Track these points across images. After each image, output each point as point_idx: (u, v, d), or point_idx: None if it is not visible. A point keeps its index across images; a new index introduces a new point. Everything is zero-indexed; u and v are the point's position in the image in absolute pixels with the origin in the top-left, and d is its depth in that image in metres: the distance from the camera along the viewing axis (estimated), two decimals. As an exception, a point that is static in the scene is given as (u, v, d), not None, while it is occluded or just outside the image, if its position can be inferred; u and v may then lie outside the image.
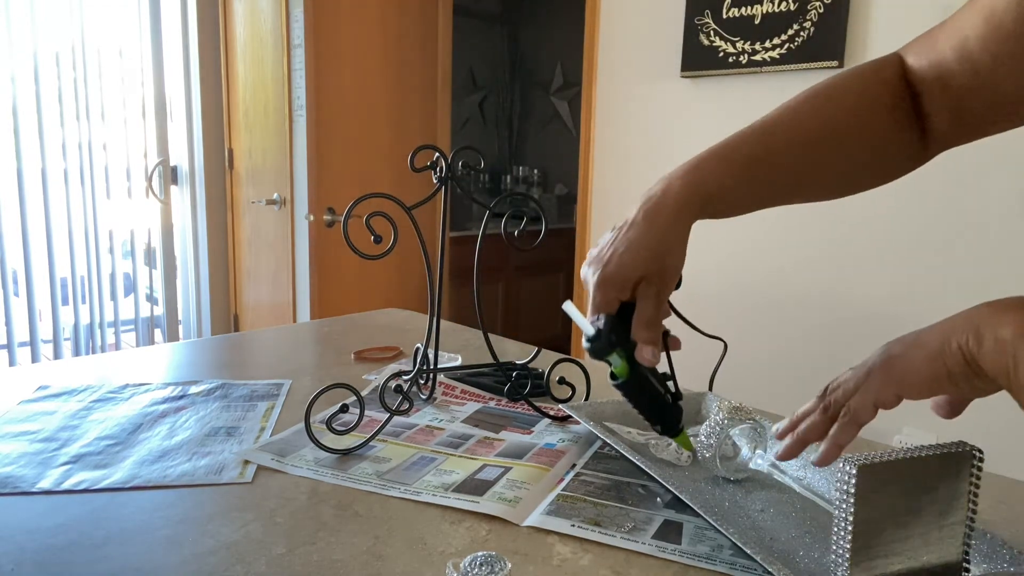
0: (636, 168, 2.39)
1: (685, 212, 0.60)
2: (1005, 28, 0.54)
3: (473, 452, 0.76)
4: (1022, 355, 0.42)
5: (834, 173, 0.66)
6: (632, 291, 0.61)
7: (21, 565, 0.53)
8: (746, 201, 0.64)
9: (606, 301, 0.60)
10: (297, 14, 2.52)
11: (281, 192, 2.75)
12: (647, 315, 0.61)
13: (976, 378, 0.45)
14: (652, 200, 0.61)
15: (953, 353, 0.46)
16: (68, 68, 2.89)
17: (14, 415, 0.82)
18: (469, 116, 4.37)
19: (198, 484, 0.67)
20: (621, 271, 0.60)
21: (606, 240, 0.62)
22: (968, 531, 0.49)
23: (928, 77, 0.62)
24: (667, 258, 0.60)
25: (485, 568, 0.50)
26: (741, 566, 0.56)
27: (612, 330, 0.60)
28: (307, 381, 0.98)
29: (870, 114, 0.64)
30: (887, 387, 0.49)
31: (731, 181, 0.62)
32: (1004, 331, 0.43)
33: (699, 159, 0.62)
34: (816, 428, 0.55)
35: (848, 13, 1.84)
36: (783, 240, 2.04)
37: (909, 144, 0.65)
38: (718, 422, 0.70)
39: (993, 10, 0.55)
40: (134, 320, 3.25)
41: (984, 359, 0.44)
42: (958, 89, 0.60)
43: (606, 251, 0.61)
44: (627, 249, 0.60)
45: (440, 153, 0.83)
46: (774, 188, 0.65)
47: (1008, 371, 0.43)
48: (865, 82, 0.64)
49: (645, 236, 0.59)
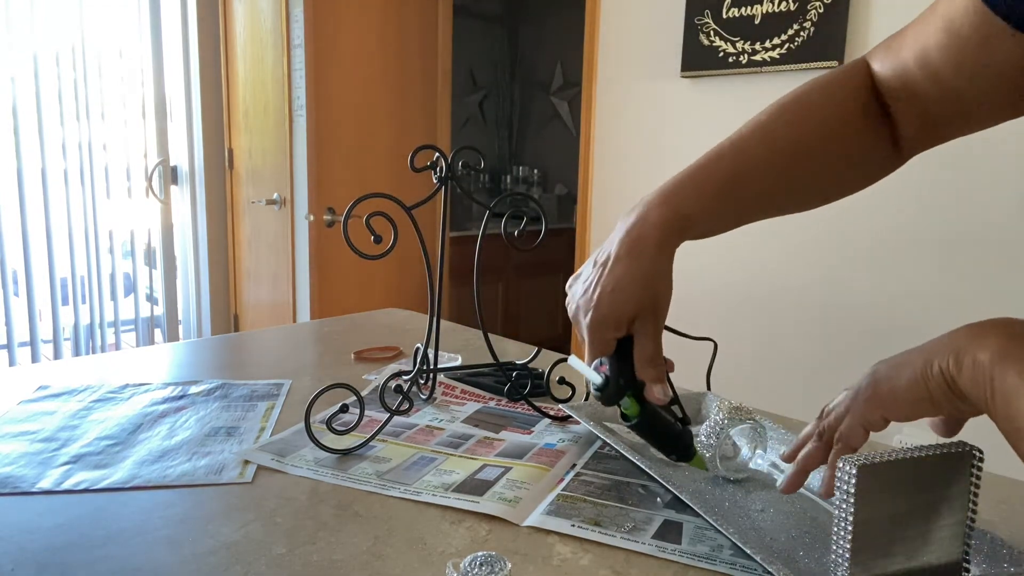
0: (636, 168, 2.39)
1: (668, 242, 0.60)
2: (963, 36, 0.55)
3: (473, 452, 0.76)
4: (999, 379, 0.42)
5: (810, 186, 0.66)
6: (627, 328, 0.60)
7: (21, 565, 0.53)
8: (725, 222, 0.64)
9: (604, 342, 0.60)
10: (297, 14, 2.52)
11: (281, 192, 2.75)
12: (649, 353, 0.60)
13: (959, 400, 0.45)
14: (632, 233, 0.60)
15: (935, 376, 0.45)
16: (68, 68, 2.89)
17: (14, 415, 0.82)
18: (469, 116, 4.38)
19: (198, 484, 0.67)
20: (614, 311, 0.59)
21: (589, 276, 0.62)
22: (968, 531, 0.49)
23: (893, 85, 0.62)
24: (658, 291, 0.60)
25: (485, 568, 0.50)
26: (741, 566, 0.56)
27: (619, 374, 0.60)
28: (307, 381, 0.98)
29: (841, 125, 0.64)
30: (873, 410, 0.49)
31: (709, 205, 0.62)
32: (982, 355, 0.43)
33: (675, 184, 0.62)
34: (814, 456, 0.55)
35: (848, 13, 1.85)
36: (783, 240, 2.04)
37: (881, 151, 0.65)
38: (718, 422, 0.70)
39: (952, 19, 0.55)
40: (134, 320, 3.26)
41: (963, 382, 0.44)
42: (923, 97, 0.60)
43: (593, 290, 0.60)
44: (616, 287, 0.59)
45: (440, 153, 0.83)
46: (752, 206, 0.65)
47: (986, 396, 0.42)
48: (834, 93, 0.64)
49: (633, 272, 0.59)
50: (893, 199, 1.82)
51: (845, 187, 0.67)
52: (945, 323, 0.49)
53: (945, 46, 0.56)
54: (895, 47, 0.62)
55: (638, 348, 0.61)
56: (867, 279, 1.90)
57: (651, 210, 0.60)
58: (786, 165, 0.64)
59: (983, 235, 1.71)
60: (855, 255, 1.92)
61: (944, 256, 1.77)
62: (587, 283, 0.62)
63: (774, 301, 2.09)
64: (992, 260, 1.69)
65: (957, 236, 1.74)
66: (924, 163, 0.72)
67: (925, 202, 1.78)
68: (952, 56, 0.56)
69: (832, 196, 0.67)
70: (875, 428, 0.50)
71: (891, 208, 1.83)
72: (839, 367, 1.95)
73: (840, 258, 1.95)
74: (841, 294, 1.95)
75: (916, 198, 1.79)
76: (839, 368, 1.94)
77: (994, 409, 0.42)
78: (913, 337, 0.51)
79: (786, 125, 0.64)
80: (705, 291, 2.21)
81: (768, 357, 2.10)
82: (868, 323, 1.90)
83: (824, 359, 1.99)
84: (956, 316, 1.79)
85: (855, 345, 1.92)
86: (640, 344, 0.61)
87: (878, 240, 1.87)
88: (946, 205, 1.75)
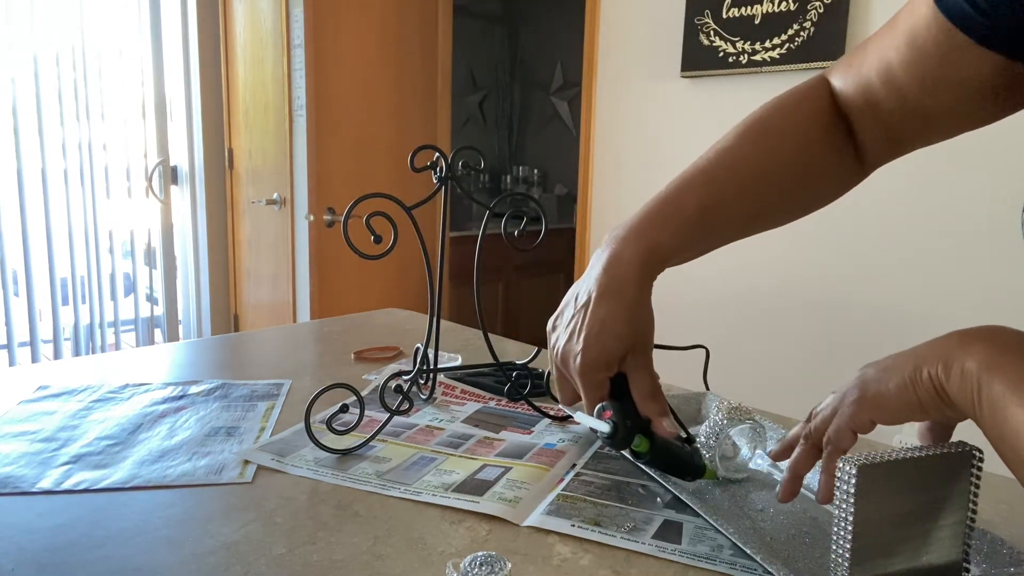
0: (636, 168, 2.39)
1: (646, 278, 0.61)
2: (927, 50, 0.55)
3: (473, 452, 0.76)
4: (986, 387, 0.42)
5: (777, 207, 0.67)
6: (618, 366, 0.61)
7: (21, 565, 0.53)
8: (699, 249, 0.65)
9: (597, 383, 0.61)
10: (297, 14, 2.52)
11: (281, 192, 2.75)
12: (648, 387, 0.61)
13: (946, 407, 0.45)
14: (610, 272, 0.61)
15: (924, 382, 0.46)
16: (68, 68, 2.89)
17: (14, 415, 0.82)
18: (469, 116, 4.37)
19: (198, 484, 0.67)
20: (604, 352, 0.60)
21: (571, 320, 0.62)
22: (968, 531, 0.49)
23: (856, 102, 0.63)
24: (643, 326, 0.61)
25: (485, 568, 0.50)
26: (741, 566, 0.56)
27: (624, 417, 0.60)
28: (307, 381, 0.98)
29: (804, 145, 0.65)
30: (862, 413, 0.50)
31: (681, 236, 0.62)
32: (970, 363, 0.43)
33: (645, 217, 0.62)
34: (804, 460, 0.56)
35: (848, 13, 1.85)
36: (782, 240, 2.04)
37: (845, 166, 0.66)
38: (718, 422, 0.70)
39: (914, 34, 0.56)
40: (134, 320, 3.26)
41: (952, 390, 0.44)
42: (886, 111, 0.61)
43: (579, 334, 0.61)
44: (602, 329, 0.60)
45: (440, 153, 0.83)
46: (723, 232, 0.66)
47: (973, 403, 0.43)
48: (794, 113, 0.65)
49: (616, 311, 0.60)
50: (893, 200, 1.82)
51: (811, 204, 0.68)
52: (945, 323, 0.49)
53: (908, 60, 0.57)
54: (856, 64, 0.63)
55: (636, 385, 0.61)
56: (867, 279, 1.90)
57: (626, 247, 0.61)
58: (753, 190, 0.65)
59: (983, 235, 1.70)
60: (855, 255, 1.92)
61: (944, 256, 1.77)
62: (570, 328, 0.62)
63: (773, 301, 2.09)
64: (992, 260, 1.69)
65: (957, 236, 1.74)
66: (924, 163, 0.73)
67: (925, 203, 1.78)
68: (916, 71, 0.57)
69: (799, 213, 0.68)
70: (863, 431, 0.51)
71: (891, 208, 1.83)
72: (839, 367, 1.95)
73: (840, 258, 1.95)
74: (841, 294, 1.95)
75: (916, 198, 1.79)
76: (839, 368, 1.94)
77: (981, 417, 0.43)
78: (913, 337, 0.51)
79: (750, 149, 0.65)
80: (705, 291, 2.21)
81: (768, 357, 2.10)
82: (868, 323, 1.90)
83: (824, 359, 1.99)
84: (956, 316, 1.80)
85: (855, 345, 1.93)
86: (636, 380, 0.61)
87: (878, 240, 1.87)
88: (946, 206, 1.75)
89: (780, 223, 0.68)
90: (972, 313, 1.71)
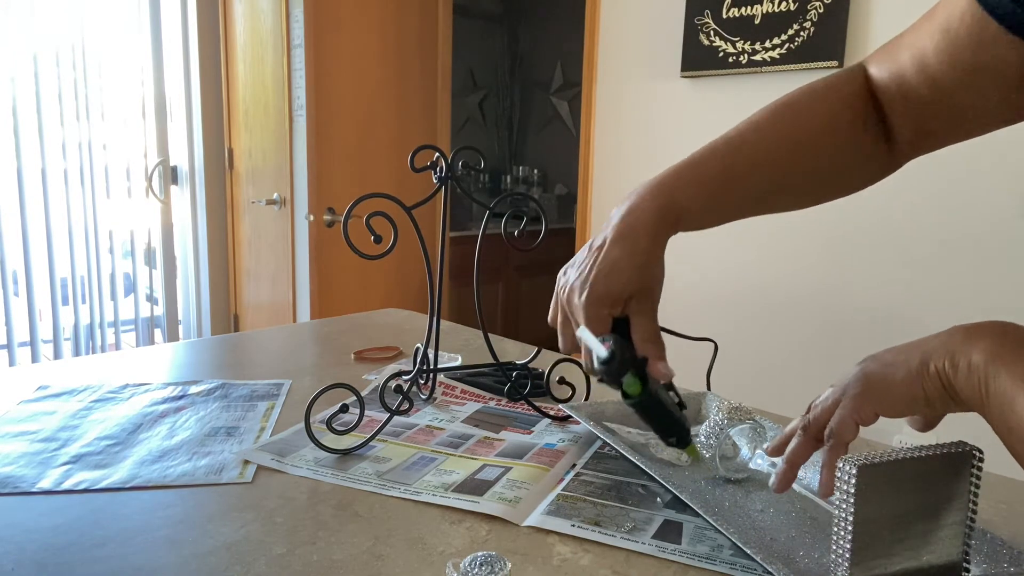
0: (636, 168, 2.39)
1: (661, 231, 0.61)
2: (960, 39, 0.55)
3: (473, 452, 0.76)
4: (993, 381, 0.43)
5: (802, 187, 0.67)
6: (623, 307, 0.61)
7: (21, 565, 0.53)
8: (718, 216, 0.65)
9: (600, 318, 0.61)
10: (297, 14, 2.52)
11: (281, 192, 2.75)
12: (650, 330, 0.61)
13: (953, 401, 0.46)
14: (627, 219, 0.61)
15: (931, 377, 0.46)
16: (68, 68, 2.89)
17: (14, 415, 0.82)
18: (469, 116, 4.37)
19: (198, 484, 0.67)
20: (610, 290, 0.60)
21: (584, 259, 0.62)
22: (968, 531, 0.49)
23: (890, 89, 0.63)
24: (652, 275, 0.61)
25: (485, 568, 0.50)
26: (741, 566, 0.56)
27: (623, 351, 0.60)
28: (307, 381, 0.98)
29: (835, 130, 0.64)
30: (865, 405, 0.50)
31: (702, 198, 0.63)
32: (976, 357, 0.44)
33: (669, 175, 0.63)
34: (801, 451, 0.55)
35: (848, 13, 1.85)
36: (783, 240, 2.04)
37: (876, 155, 0.66)
38: (718, 422, 0.70)
39: (949, 22, 0.56)
40: (134, 320, 3.25)
41: (959, 384, 0.45)
42: (918, 102, 0.61)
43: (589, 271, 0.61)
44: (613, 269, 0.60)
45: (440, 153, 0.83)
46: (744, 203, 0.66)
47: (981, 397, 0.43)
48: (828, 97, 0.65)
49: (628, 256, 0.60)
50: (893, 200, 1.82)
51: (838, 189, 0.68)
52: (944, 323, 0.49)
53: (941, 49, 0.57)
54: (892, 51, 0.63)
55: (637, 327, 0.61)
56: (867, 279, 1.90)
57: (645, 199, 0.61)
58: (779, 165, 0.64)
59: (983, 235, 1.70)
60: (855, 255, 1.92)
61: (944, 256, 1.77)
62: (582, 266, 0.62)
63: (774, 301, 2.09)
64: (992, 260, 1.69)
65: (957, 236, 1.74)
66: (924, 164, 0.72)
67: (925, 203, 1.78)
68: (948, 59, 0.57)
69: (825, 197, 0.68)
70: (866, 423, 0.51)
71: (891, 208, 1.83)
72: (839, 367, 1.94)
73: (840, 258, 1.95)
74: (841, 294, 1.95)
75: (916, 198, 1.79)
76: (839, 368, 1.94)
77: (988, 411, 0.43)
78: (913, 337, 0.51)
79: (780, 126, 0.65)
80: (705, 291, 2.21)
81: (768, 357, 2.10)
82: (868, 323, 1.90)
83: (824, 359, 1.99)
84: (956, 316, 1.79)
85: (855, 345, 1.92)
86: (639, 323, 0.61)
87: (879, 240, 1.87)
88: (946, 206, 1.75)
89: (801, 204, 0.68)
90: (976, 315, 1.71)
